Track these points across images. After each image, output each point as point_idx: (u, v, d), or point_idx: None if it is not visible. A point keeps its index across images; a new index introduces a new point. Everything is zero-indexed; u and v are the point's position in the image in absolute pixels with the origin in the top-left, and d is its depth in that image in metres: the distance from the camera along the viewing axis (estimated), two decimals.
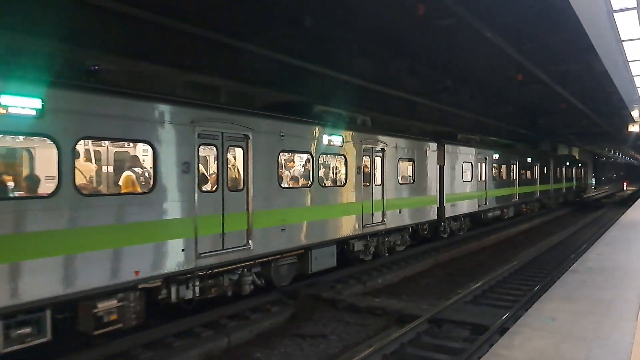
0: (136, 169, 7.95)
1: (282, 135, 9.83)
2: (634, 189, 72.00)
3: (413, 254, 15.29)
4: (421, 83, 18.98)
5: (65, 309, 6.77)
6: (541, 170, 28.68)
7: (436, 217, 16.29)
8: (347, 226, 11.83)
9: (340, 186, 11.73)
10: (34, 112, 6.06)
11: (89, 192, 7.18)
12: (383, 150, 13.06)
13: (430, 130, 21.55)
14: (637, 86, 15.44)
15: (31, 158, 7.34)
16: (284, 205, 9.91)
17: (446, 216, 16.87)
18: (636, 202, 31.40)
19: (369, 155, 12.57)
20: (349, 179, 11.76)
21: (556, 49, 16.20)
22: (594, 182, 61.21)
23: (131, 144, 8.13)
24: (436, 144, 16.33)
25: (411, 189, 14.65)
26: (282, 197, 9.91)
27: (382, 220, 13.08)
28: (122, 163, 8.22)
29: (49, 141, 6.42)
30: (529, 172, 26.58)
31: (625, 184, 78.66)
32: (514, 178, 23.86)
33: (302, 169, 11.26)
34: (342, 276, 12.32)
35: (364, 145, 12.27)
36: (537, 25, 13.94)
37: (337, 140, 11.34)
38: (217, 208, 8.41)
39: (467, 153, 18.48)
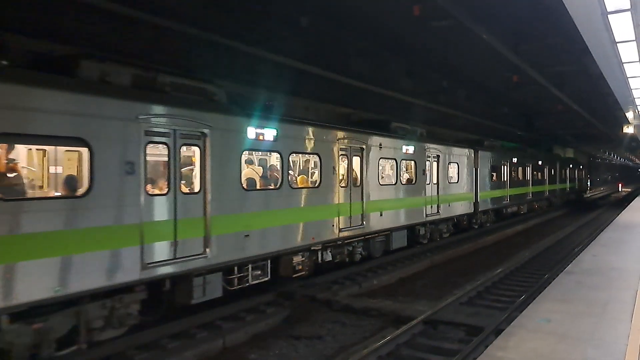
0: (310, 171, 11.74)
1: (381, 147, 13.47)
2: (629, 190, 72.24)
3: (409, 255, 15.30)
4: (418, 84, 18.98)
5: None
6: (549, 171, 31.96)
7: (472, 211, 19.87)
8: (415, 215, 15.40)
9: (412, 184, 15.23)
10: (272, 138, 9.77)
11: (295, 186, 10.81)
12: (438, 156, 16.65)
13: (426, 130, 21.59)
14: (631, 88, 15.50)
15: (264, 166, 10.93)
16: (381, 197, 13.49)
17: (479, 210, 20.39)
18: (631, 204, 31.52)
19: (429, 160, 16.09)
20: (418, 179, 15.41)
21: (552, 51, 16.22)
22: (589, 183, 61.38)
23: (307, 155, 11.61)
24: (472, 150, 19.89)
25: (456, 187, 18.20)
26: (380, 192, 13.46)
27: (437, 212, 16.66)
28: (305, 166, 11.93)
29: (277, 155, 10.21)
30: (539, 174, 29.94)
31: (620, 185, 78.87)
32: (528, 179, 27.38)
33: (390, 172, 14.49)
34: (338, 277, 12.32)
35: (426, 153, 15.84)
36: (532, 27, 13.95)
37: (411, 149, 15.02)
38: (347, 198, 12.06)
39: (493, 157, 22.00)
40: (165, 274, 7.67)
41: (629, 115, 23.54)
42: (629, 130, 28.54)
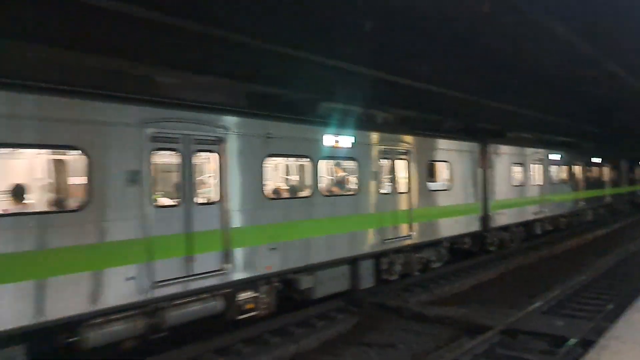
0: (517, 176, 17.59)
1: (548, 157, 19.77)
2: None
3: (481, 262, 14.79)
4: (483, 84, 18.38)
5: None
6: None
7: (607, 202, 27.72)
8: (563, 208, 21.21)
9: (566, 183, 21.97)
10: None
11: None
12: (577, 165, 23.41)
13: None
14: None
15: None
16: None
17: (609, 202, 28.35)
18: None
19: (577, 166, 23.14)
20: (557, 180, 21.29)
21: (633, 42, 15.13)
22: None
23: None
24: (603, 160, 27.64)
25: (594, 185, 25.37)
26: (552, 188, 20.09)
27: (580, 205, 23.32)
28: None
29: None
30: (636, 175, 36.97)
31: None
32: (629, 179, 34.25)
33: (532, 176, 18.91)
34: (408, 284, 12.08)
35: (571, 163, 22.47)
36: (610, 18, 13.08)
37: (557, 157, 20.99)
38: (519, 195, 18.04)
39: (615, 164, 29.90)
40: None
41: None
42: None
